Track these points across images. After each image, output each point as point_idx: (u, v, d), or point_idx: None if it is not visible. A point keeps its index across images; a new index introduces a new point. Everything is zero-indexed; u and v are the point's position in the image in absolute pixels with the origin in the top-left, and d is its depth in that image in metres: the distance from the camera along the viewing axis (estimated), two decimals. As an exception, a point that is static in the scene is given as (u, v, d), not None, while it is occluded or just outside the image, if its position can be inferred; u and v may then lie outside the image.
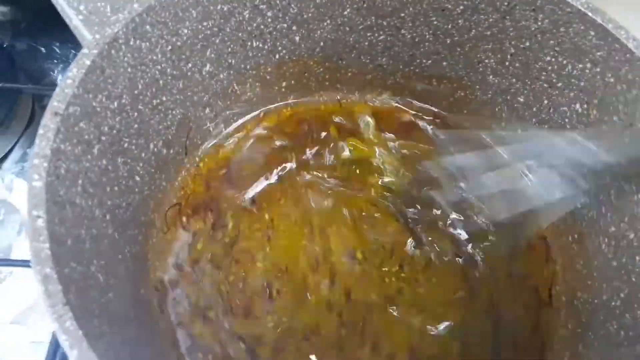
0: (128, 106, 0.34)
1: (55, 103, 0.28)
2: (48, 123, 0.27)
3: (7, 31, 0.59)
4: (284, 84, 0.45)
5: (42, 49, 0.60)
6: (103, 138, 0.32)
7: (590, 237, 0.38)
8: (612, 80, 0.34)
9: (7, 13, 0.59)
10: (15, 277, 0.48)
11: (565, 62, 0.36)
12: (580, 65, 0.36)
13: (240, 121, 0.45)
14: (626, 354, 0.31)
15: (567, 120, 0.38)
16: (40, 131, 0.27)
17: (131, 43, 0.32)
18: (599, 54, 0.34)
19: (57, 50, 0.60)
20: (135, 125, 0.35)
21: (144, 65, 0.34)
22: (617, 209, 0.36)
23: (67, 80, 0.28)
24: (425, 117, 0.47)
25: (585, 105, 0.37)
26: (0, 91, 0.51)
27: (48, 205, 0.25)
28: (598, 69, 0.35)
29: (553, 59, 0.37)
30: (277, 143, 0.45)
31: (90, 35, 0.32)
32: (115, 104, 0.33)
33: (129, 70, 0.33)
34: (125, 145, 0.35)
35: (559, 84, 0.38)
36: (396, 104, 0.48)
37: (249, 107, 0.45)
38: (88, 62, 0.29)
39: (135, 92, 0.34)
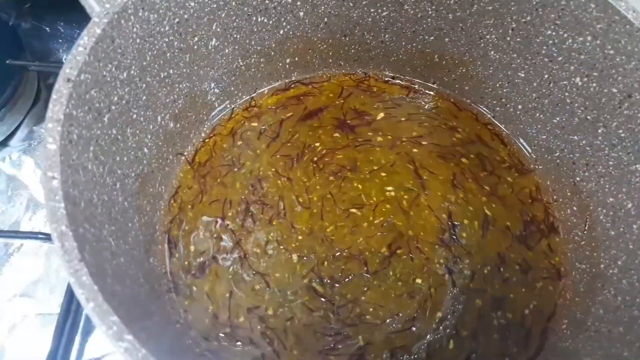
0: (137, 77, 0.34)
1: (68, 70, 0.28)
2: (61, 88, 0.27)
3: (12, 9, 0.59)
4: (287, 60, 0.46)
5: (47, 29, 0.61)
6: (113, 107, 0.32)
7: (589, 208, 0.39)
8: (611, 52, 0.35)
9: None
10: (23, 250, 0.48)
11: (565, 35, 0.37)
12: (581, 39, 0.36)
13: (245, 97, 0.46)
14: (621, 317, 0.32)
15: (567, 94, 0.39)
16: (54, 96, 0.27)
17: (140, 14, 0.33)
18: (599, 26, 0.35)
19: (62, 30, 0.61)
20: (144, 97, 0.36)
21: (152, 37, 0.35)
22: (615, 180, 0.37)
23: (79, 48, 0.29)
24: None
25: (585, 79, 0.37)
26: (7, 68, 0.51)
27: (62, 167, 0.26)
28: (598, 42, 0.35)
29: (554, 33, 0.38)
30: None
31: (99, 7, 0.33)
32: (125, 74, 0.33)
33: (138, 41, 0.33)
34: (134, 116, 0.35)
35: (560, 58, 0.38)
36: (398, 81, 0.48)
37: (253, 83, 0.46)
38: (99, 31, 0.30)
39: (144, 63, 0.35)
